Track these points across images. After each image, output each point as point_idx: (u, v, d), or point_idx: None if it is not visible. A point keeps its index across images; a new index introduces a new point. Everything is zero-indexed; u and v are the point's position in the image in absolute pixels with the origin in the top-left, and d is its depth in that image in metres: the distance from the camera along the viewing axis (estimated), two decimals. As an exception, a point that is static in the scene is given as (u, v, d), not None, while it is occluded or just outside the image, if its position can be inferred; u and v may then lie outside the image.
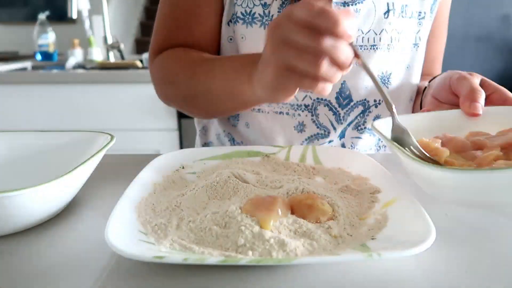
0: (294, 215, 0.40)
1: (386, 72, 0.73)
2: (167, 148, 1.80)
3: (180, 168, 0.54)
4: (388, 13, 0.70)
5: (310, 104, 0.73)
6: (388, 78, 0.74)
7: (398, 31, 0.71)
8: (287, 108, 0.73)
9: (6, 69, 1.93)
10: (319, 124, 0.74)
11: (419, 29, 0.74)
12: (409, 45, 0.74)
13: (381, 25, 0.70)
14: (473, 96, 0.55)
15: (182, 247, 0.35)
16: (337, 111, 0.73)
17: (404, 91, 0.77)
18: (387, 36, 0.71)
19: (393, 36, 0.71)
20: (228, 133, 0.79)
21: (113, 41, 2.12)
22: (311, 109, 0.73)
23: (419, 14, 0.73)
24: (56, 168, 0.49)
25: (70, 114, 1.78)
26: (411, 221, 0.37)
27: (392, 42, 0.71)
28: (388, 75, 0.74)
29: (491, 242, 0.39)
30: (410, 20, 0.72)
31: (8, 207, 0.37)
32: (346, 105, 0.73)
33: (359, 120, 0.75)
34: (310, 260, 0.33)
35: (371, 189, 0.46)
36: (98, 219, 0.44)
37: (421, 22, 0.74)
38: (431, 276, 0.34)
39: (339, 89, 0.72)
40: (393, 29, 0.71)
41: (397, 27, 0.71)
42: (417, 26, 0.73)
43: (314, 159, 0.57)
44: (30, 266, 0.36)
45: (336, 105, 0.73)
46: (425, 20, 0.74)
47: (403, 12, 0.71)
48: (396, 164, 0.62)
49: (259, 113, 0.75)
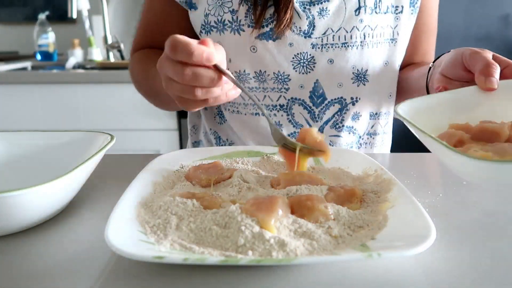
0: (294, 215, 0.40)
1: (361, 69, 0.73)
2: (167, 148, 1.80)
3: (180, 168, 0.54)
4: (359, 10, 0.69)
5: (285, 104, 0.74)
6: (364, 75, 0.73)
7: (372, 27, 0.71)
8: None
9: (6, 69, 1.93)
10: (295, 123, 0.75)
11: (397, 24, 0.73)
12: (385, 41, 0.73)
13: (352, 23, 0.70)
14: (489, 70, 0.54)
15: (182, 247, 0.35)
16: (312, 110, 0.74)
17: (383, 87, 0.76)
18: (359, 33, 0.70)
19: (366, 32, 0.71)
20: (214, 131, 0.81)
21: (113, 41, 2.12)
22: (286, 109, 0.74)
23: (396, 8, 0.72)
24: (56, 168, 0.49)
25: (70, 114, 1.78)
26: (411, 221, 0.37)
27: (365, 39, 0.71)
28: (364, 72, 0.73)
29: (491, 242, 0.39)
30: (385, 15, 0.71)
31: (8, 207, 0.37)
32: (320, 103, 0.74)
33: (336, 119, 0.75)
34: (310, 260, 0.33)
35: (371, 189, 0.46)
36: (98, 219, 0.44)
37: (399, 16, 0.73)
38: (431, 276, 0.34)
39: (312, 88, 0.73)
40: (365, 25, 0.70)
41: (370, 23, 0.70)
42: (394, 21, 0.72)
43: (314, 159, 0.57)
44: (30, 266, 0.36)
45: (310, 104, 0.74)
46: (404, 14, 0.73)
47: (376, 8, 0.70)
48: (396, 164, 0.62)
49: (238, 114, 0.76)
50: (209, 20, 0.70)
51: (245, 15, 0.68)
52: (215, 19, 0.70)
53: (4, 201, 0.36)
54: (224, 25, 0.70)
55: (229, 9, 0.69)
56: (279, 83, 0.72)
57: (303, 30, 0.69)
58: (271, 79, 0.72)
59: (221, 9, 0.69)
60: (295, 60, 0.71)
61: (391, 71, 0.76)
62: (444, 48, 0.89)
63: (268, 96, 0.74)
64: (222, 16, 0.69)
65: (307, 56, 0.70)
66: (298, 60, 0.71)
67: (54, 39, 2.20)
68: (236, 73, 0.73)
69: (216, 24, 0.70)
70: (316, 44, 0.70)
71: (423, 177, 0.56)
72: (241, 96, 0.74)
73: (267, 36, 0.69)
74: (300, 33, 0.69)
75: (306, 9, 0.68)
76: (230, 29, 0.69)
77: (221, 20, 0.70)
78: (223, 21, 0.70)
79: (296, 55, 0.70)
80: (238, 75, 0.73)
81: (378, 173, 0.50)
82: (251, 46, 0.70)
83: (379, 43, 0.72)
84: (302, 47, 0.70)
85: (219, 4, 0.69)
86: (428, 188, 0.52)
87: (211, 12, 0.70)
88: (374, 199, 0.44)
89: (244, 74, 0.72)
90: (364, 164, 0.53)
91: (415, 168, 0.60)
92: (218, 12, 0.70)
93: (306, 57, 0.70)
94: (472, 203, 0.47)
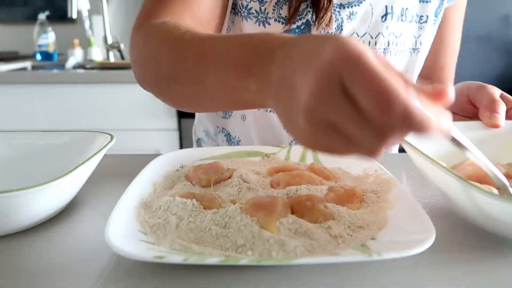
0: (294, 215, 0.40)
1: None
2: (167, 148, 1.80)
3: (180, 168, 0.54)
4: (386, 17, 0.68)
5: None
6: None
7: (396, 35, 0.69)
8: None
9: (6, 69, 1.93)
10: None
11: (420, 34, 0.72)
12: (408, 50, 0.72)
13: (377, 29, 0.68)
14: (493, 106, 0.53)
15: (182, 247, 0.35)
16: None
17: None
18: (384, 40, 0.69)
19: (390, 40, 0.69)
20: (222, 128, 0.77)
21: (113, 41, 2.12)
22: None
23: (421, 18, 0.71)
24: (56, 168, 0.49)
25: (70, 114, 1.78)
26: (411, 221, 0.37)
27: (389, 46, 0.69)
28: None
29: (491, 242, 0.39)
30: (410, 24, 0.70)
31: (8, 207, 0.37)
32: None
33: None
34: (310, 260, 0.33)
35: (371, 189, 0.46)
36: (98, 219, 0.44)
37: (423, 26, 0.71)
38: (431, 276, 0.34)
39: None
40: (390, 32, 0.69)
41: (395, 30, 0.69)
42: (417, 30, 0.71)
43: (314, 159, 0.57)
44: (30, 266, 0.36)
45: None
46: (427, 24, 0.72)
47: (402, 16, 0.69)
48: (396, 164, 0.62)
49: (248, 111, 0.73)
50: (237, 1, 0.65)
51: (273, 8, 0.64)
52: (240, 3, 0.65)
53: (4, 201, 0.36)
54: (250, 13, 0.65)
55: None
56: None
57: (330, 33, 0.66)
58: None
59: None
60: None
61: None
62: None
63: None
64: (249, 3, 0.65)
65: None
66: None
67: (54, 39, 2.20)
68: None
69: (240, 9, 0.66)
70: None
71: (423, 177, 0.56)
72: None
73: (293, 34, 0.65)
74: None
75: (336, 11, 0.66)
76: (256, 19, 0.65)
77: (246, 6, 0.65)
78: (249, 8, 0.65)
79: None
80: None
81: (378, 173, 0.50)
82: None
83: (402, 52, 0.71)
84: None
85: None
86: (428, 188, 0.52)
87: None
88: (374, 199, 0.44)
89: None
90: (364, 164, 0.53)
91: (415, 168, 0.60)
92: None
93: None
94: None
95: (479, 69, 2.28)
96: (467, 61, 2.41)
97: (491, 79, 2.54)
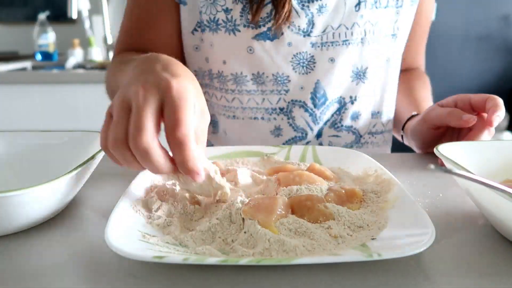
0: (294, 215, 0.40)
1: (361, 67, 0.71)
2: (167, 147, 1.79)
3: (180, 168, 0.54)
4: (359, 5, 0.67)
5: (285, 107, 0.72)
6: (364, 73, 0.72)
7: (373, 23, 0.69)
8: (261, 113, 0.72)
9: (6, 69, 1.93)
10: (296, 126, 0.72)
11: (397, 19, 0.71)
12: (387, 37, 0.71)
13: (352, 19, 0.67)
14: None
15: (182, 247, 0.35)
16: (313, 112, 0.72)
17: (383, 84, 0.75)
18: (360, 30, 0.68)
19: (367, 28, 0.69)
20: (207, 140, 0.79)
21: (113, 41, 2.12)
22: (286, 112, 0.72)
23: (397, 2, 0.70)
24: (56, 168, 0.49)
25: (70, 114, 1.78)
26: (411, 221, 0.37)
27: (366, 35, 0.69)
28: (364, 69, 0.71)
29: (492, 242, 0.39)
30: (386, 10, 0.69)
31: (8, 207, 0.37)
32: (321, 104, 0.72)
33: (335, 118, 0.74)
34: (310, 260, 0.33)
35: (371, 189, 0.46)
36: (98, 219, 0.44)
37: (399, 11, 0.71)
38: (431, 276, 0.34)
39: (313, 89, 0.70)
40: (366, 21, 0.68)
41: (371, 18, 0.68)
42: (394, 15, 0.70)
43: (314, 159, 0.57)
44: (30, 266, 0.36)
45: (311, 106, 0.71)
46: (403, 8, 0.71)
47: (376, 3, 0.68)
48: (396, 164, 0.62)
49: (234, 120, 0.74)
50: (202, 18, 0.67)
51: (240, 14, 0.66)
52: (207, 18, 0.67)
53: (4, 201, 0.36)
54: (218, 24, 0.66)
55: (222, 8, 0.66)
56: (278, 85, 0.70)
57: (302, 29, 0.67)
58: (269, 81, 0.70)
59: (213, 7, 0.66)
60: (295, 61, 0.69)
61: (391, 68, 0.75)
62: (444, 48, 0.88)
63: (267, 99, 0.72)
64: (215, 15, 0.66)
65: (307, 56, 0.69)
66: (298, 60, 0.69)
67: (54, 39, 2.20)
68: (232, 75, 0.71)
69: (208, 23, 0.67)
70: (315, 43, 0.68)
71: (423, 177, 0.56)
72: (239, 99, 0.73)
73: (264, 36, 0.66)
74: (299, 32, 0.67)
75: (304, 6, 0.66)
76: (225, 29, 0.66)
77: (214, 19, 0.67)
78: (216, 20, 0.66)
79: (295, 55, 0.68)
80: (234, 78, 0.71)
81: (378, 173, 0.50)
82: (247, 47, 0.68)
83: (380, 39, 0.71)
84: (301, 47, 0.68)
85: (211, 1, 0.66)
86: (428, 188, 0.52)
87: (203, 9, 0.67)
88: (374, 199, 0.44)
89: (241, 77, 0.70)
90: (364, 164, 0.53)
91: (415, 168, 0.60)
92: (210, 11, 0.66)
93: (306, 56, 0.69)
94: (472, 203, 0.47)
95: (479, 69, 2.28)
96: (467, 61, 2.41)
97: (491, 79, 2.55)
